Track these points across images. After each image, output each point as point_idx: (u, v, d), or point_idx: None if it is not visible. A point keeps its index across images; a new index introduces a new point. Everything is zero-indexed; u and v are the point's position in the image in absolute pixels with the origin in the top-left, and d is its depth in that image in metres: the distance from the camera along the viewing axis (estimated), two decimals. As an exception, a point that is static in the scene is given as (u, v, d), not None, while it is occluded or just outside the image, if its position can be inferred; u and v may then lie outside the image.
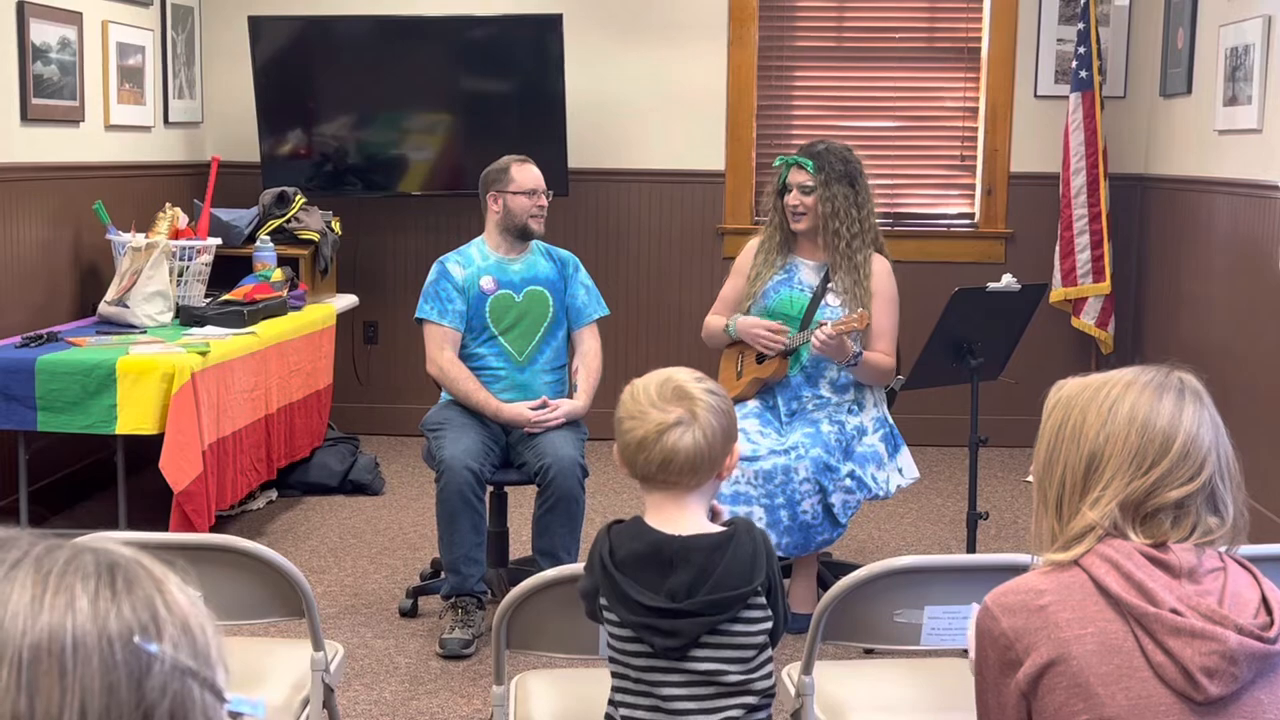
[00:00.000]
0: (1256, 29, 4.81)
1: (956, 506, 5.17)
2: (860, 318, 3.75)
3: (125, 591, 0.80)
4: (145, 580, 0.82)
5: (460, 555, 3.78)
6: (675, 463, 1.91)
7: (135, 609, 0.80)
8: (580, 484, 3.81)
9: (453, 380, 3.99)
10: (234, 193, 5.91)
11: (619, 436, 1.97)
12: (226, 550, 2.44)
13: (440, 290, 4.03)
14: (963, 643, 2.35)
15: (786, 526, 3.79)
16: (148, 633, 0.79)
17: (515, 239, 4.10)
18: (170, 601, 0.82)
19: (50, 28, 4.89)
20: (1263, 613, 1.58)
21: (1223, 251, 5.20)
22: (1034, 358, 5.45)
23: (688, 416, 1.92)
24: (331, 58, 6.11)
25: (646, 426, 1.92)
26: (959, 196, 6.39)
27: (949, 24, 6.29)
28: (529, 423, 3.92)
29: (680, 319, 6.16)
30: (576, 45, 5.99)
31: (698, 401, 1.93)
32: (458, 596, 3.81)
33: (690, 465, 1.92)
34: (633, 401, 1.95)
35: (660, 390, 1.94)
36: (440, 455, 3.79)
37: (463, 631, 3.76)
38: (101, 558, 0.82)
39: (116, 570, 0.82)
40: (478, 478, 3.76)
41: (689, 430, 1.91)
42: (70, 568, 0.81)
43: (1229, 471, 1.64)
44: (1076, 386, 1.70)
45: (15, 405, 4.17)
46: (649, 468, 1.93)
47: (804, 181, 3.98)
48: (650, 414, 1.92)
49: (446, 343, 4.01)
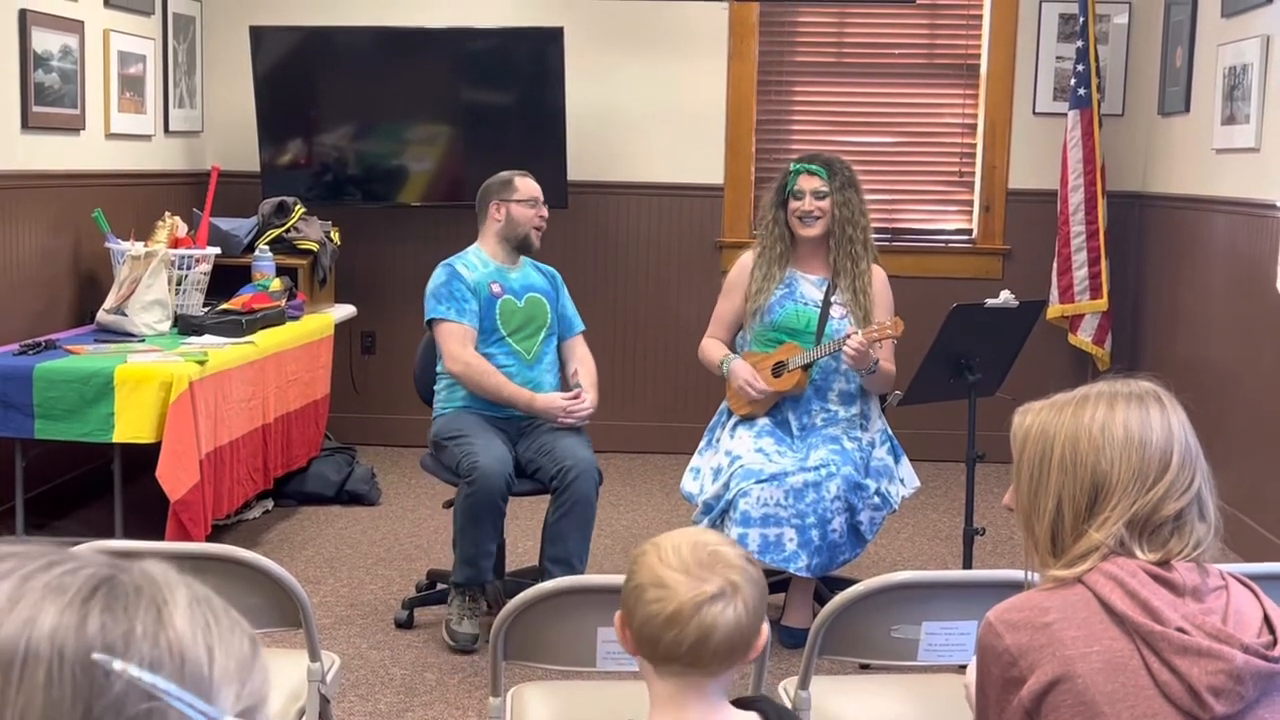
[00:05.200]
0: (1254, 49, 4.82)
1: (953, 522, 5.16)
2: (895, 324, 3.76)
3: (101, 608, 0.79)
4: (138, 599, 0.80)
5: (480, 551, 3.79)
6: (711, 643, 1.57)
7: (105, 625, 0.78)
8: (596, 489, 3.81)
9: (479, 374, 3.92)
10: (233, 202, 5.91)
11: (637, 606, 1.61)
12: (223, 560, 2.43)
13: (454, 290, 4.00)
14: (960, 659, 2.35)
15: (817, 546, 3.77)
16: (113, 650, 0.77)
17: (513, 249, 4.10)
18: (163, 622, 0.80)
19: (52, 36, 4.89)
20: (1265, 631, 1.58)
21: (1220, 270, 5.21)
22: (1031, 374, 5.44)
23: (729, 588, 1.58)
24: (332, 68, 6.11)
25: (680, 599, 1.57)
26: (957, 212, 6.41)
27: (948, 41, 6.31)
28: (563, 411, 3.92)
29: (679, 332, 6.16)
30: (577, 58, 6.00)
31: (736, 570, 1.60)
32: (470, 586, 3.85)
33: (728, 646, 1.58)
34: (661, 565, 1.60)
35: (694, 555, 1.60)
36: (474, 460, 3.71)
37: (470, 624, 3.82)
38: (99, 574, 0.81)
39: (104, 586, 0.80)
40: (509, 485, 3.75)
41: (730, 604, 1.57)
42: (57, 581, 0.79)
43: (1208, 475, 1.65)
44: (1047, 414, 1.68)
45: (13, 413, 4.17)
46: (676, 648, 1.58)
47: (818, 187, 3.97)
48: (683, 584, 1.58)
49: (467, 340, 3.96)
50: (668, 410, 6.37)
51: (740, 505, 3.75)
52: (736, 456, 3.87)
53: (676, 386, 6.33)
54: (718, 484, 3.86)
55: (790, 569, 3.78)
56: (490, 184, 4.14)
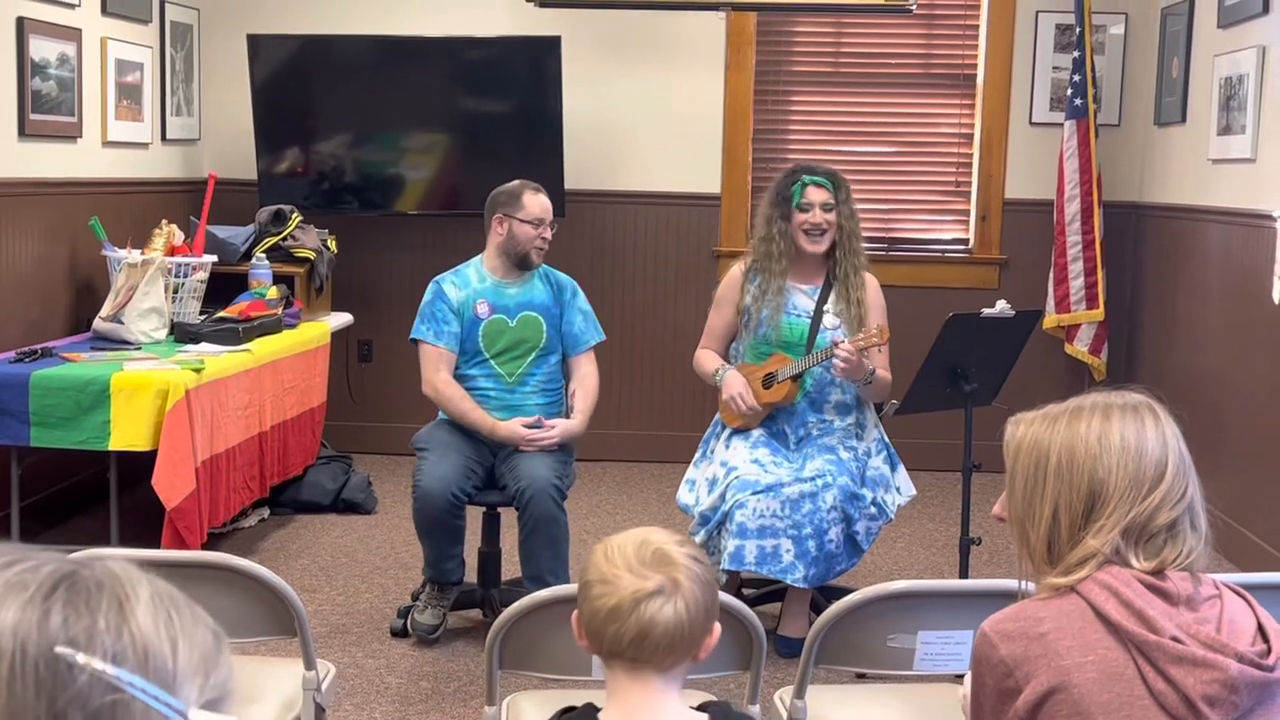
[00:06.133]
0: (1250, 59, 4.84)
1: (949, 532, 5.16)
2: (881, 332, 3.75)
3: (63, 602, 0.80)
4: (100, 594, 0.82)
5: (440, 555, 3.94)
6: (651, 638, 1.62)
7: (68, 620, 0.79)
8: (558, 505, 3.82)
9: (448, 400, 4.00)
10: (230, 210, 5.91)
11: (584, 602, 1.67)
12: (219, 568, 2.43)
13: (436, 311, 4.04)
14: (956, 668, 2.35)
15: (814, 557, 3.76)
16: (76, 643, 0.79)
17: (513, 265, 4.09)
18: (126, 616, 0.81)
19: (49, 44, 4.89)
20: (1259, 640, 1.58)
21: (1216, 280, 5.22)
22: (1027, 384, 5.43)
23: (669, 585, 1.62)
24: (330, 77, 6.12)
25: (621, 594, 1.62)
26: (954, 222, 6.41)
27: (945, 51, 6.32)
28: (523, 440, 3.92)
29: (675, 340, 6.16)
30: (575, 67, 6.01)
31: (680, 568, 1.63)
32: (437, 581, 3.99)
33: (668, 642, 1.62)
34: (606, 563, 1.65)
35: (638, 553, 1.64)
36: (417, 478, 3.87)
37: (433, 614, 3.96)
38: (60, 570, 0.82)
39: (65, 582, 0.81)
40: (454, 501, 3.83)
41: (670, 601, 1.62)
42: (19, 578, 0.81)
43: (1199, 485, 1.66)
44: (1041, 425, 1.69)
45: (9, 420, 4.16)
46: (619, 642, 1.63)
47: (826, 200, 3.95)
48: (625, 580, 1.62)
49: (442, 364, 4.02)
50: (664, 419, 6.37)
51: (736, 517, 3.74)
52: (732, 468, 3.87)
53: (673, 395, 6.33)
54: (713, 495, 3.86)
55: (787, 580, 3.78)
56: (498, 194, 4.09)
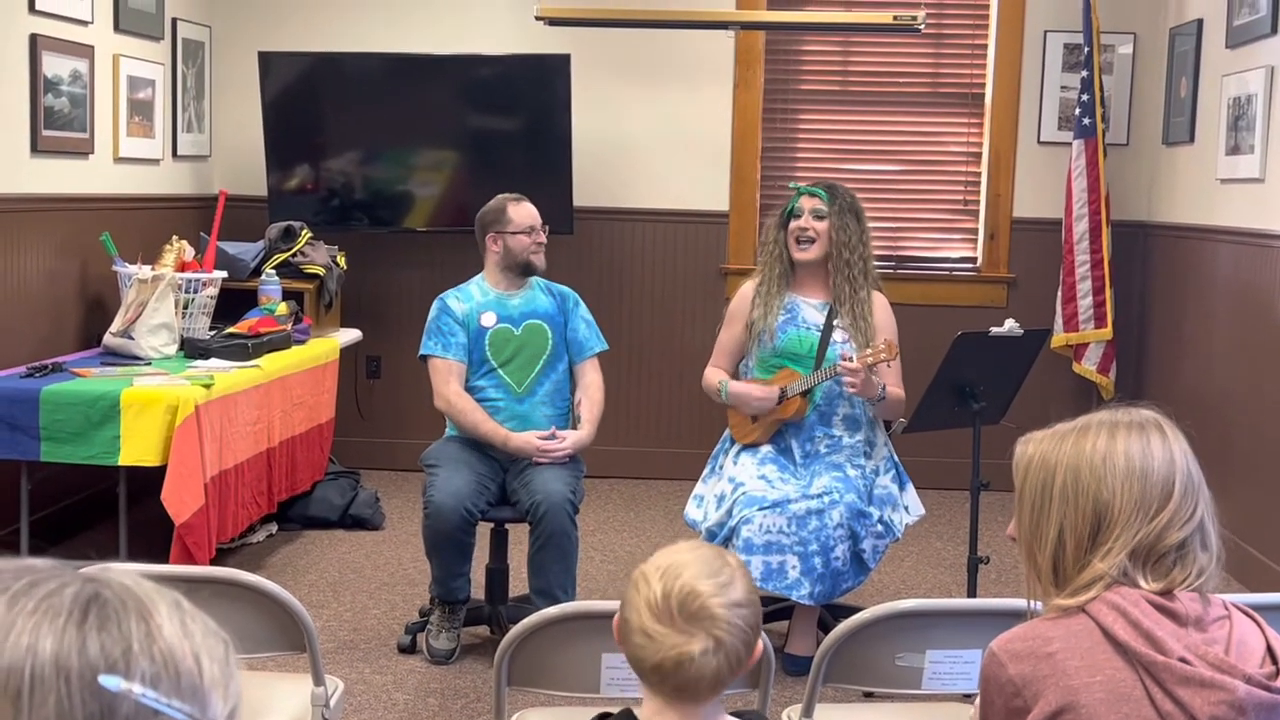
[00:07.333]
0: (1259, 79, 4.84)
1: (957, 550, 5.15)
2: (889, 348, 3.75)
3: (97, 628, 0.80)
4: (127, 614, 0.82)
5: (448, 573, 3.92)
6: (695, 687, 1.61)
7: (105, 646, 0.79)
8: (571, 520, 3.83)
9: (460, 412, 4.01)
10: (240, 226, 5.94)
11: (624, 641, 1.65)
12: (227, 583, 2.44)
13: (442, 325, 4.07)
14: (965, 687, 2.34)
15: (820, 574, 3.76)
16: (116, 669, 0.79)
17: (516, 276, 4.13)
18: (153, 634, 0.81)
19: (62, 60, 4.92)
20: (1268, 662, 1.57)
21: (1224, 299, 5.21)
22: (1036, 402, 5.44)
23: (713, 645, 1.59)
24: (340, 94, 6.14)
25: (664, 653, 1.59)
26: (961, 241, 6.42)
27: (953, 70, 6.34)
28: (537, 451, 3.94)
29: (683, 358, 6.17)
30: (584, 85, 6.03)
31: (721, 623, 1.59)
32: (445, 601, 3.97)
33: (712, 687, 1.62)
34: (647, 612, 1.61)
35: (681, 607, 1.59)
36: (429, 494, 3.86)
37: (447, 638, 3.95)
38: (84, 591, 0.82)
39: (94, 604, 0.81)
40: (466, 517, 3.83)
41: (715, 657, 1.59)
42: (46, 603, 0.80)
43: (1210, 503, 1.65)
44: (1049, 444, 1.68)
45: (19, 435, 4.18)
46: (662, 686, 1.63)
47: (817, 207, 3.98)
48: (668, 639, 1.59)
49: (452, 376, 4.04)
50: (672, 436, 6.37)
51: (743, 532, 3.75)
52: (740, 483, 3.87)
53: (681, 412, 6.33)
54: (721, 511, 3.86)
55: (793, 596, 3.77)
56: (484, 214, 4.17)
